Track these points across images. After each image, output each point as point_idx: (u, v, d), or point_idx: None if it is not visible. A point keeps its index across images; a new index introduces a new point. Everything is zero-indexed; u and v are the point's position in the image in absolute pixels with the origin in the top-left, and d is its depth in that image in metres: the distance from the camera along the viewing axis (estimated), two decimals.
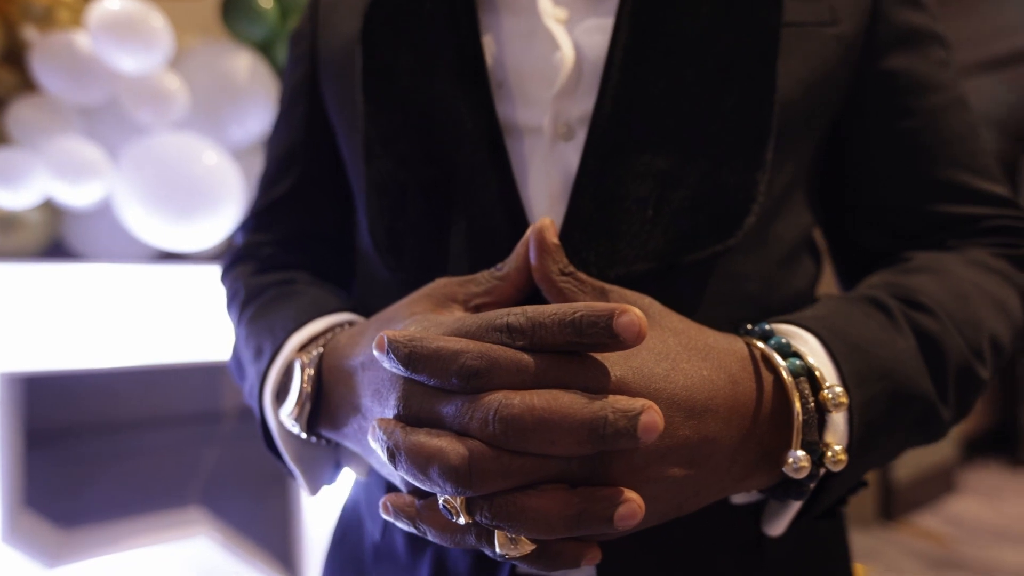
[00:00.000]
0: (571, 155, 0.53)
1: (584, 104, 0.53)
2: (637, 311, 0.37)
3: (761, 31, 0.49)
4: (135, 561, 1.75)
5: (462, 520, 0.39)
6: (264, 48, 1.94)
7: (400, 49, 0.56)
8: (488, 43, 0.55)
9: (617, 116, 0.50)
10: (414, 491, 0.44)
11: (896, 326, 0.50)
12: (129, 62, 1.54)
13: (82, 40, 1.50)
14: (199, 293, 1.92)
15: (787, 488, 0.46)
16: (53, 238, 1.77)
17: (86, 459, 1.88)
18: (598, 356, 0.39)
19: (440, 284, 0.50)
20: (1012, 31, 2.03)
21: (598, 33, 0.52)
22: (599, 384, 0.38)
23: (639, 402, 0.36)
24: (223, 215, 1.86)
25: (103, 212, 1.73)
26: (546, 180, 0.53)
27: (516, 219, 0.52)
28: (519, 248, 0.47)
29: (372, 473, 0.61)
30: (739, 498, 0.52)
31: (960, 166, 0.58)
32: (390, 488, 0.60)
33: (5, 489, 1.50)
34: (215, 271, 0.80)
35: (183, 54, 1.77)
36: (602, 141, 0.50)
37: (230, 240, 2.02)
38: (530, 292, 0.48)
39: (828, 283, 0.64)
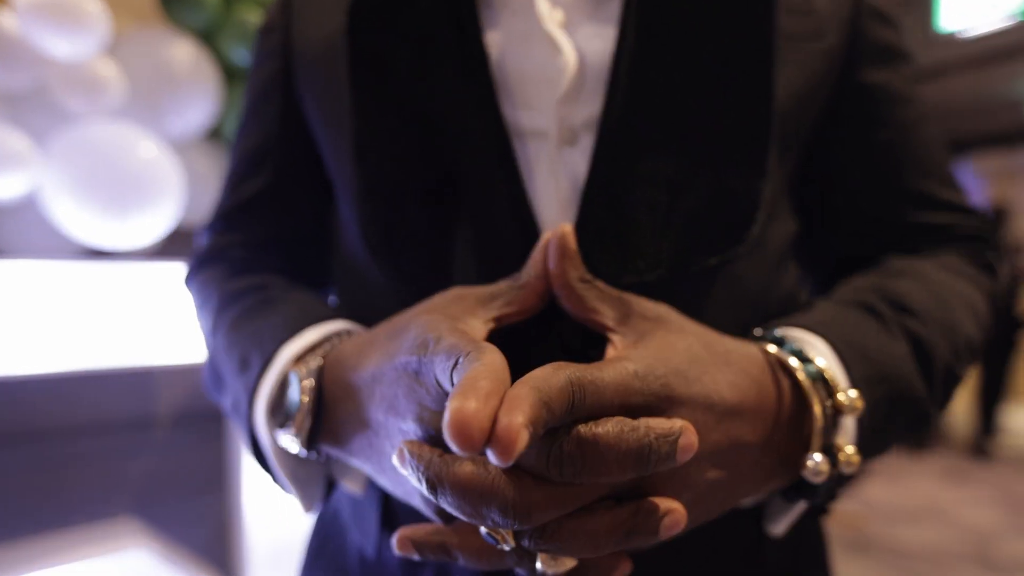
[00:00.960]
0: (578, 160, 0.52)
1: (587, 109, 0.52)
2: (692, 430, 0.38)
3: (759, 42, 0.51)
4: None
5: (508, 547, 0.39)
6: (207, 37, 1.86)
7: (393, 44, 0.53)
8: (489, 42, 0.53)
9: (626, 121, 0.50)
10: (442, 514, 0.43)
11: (890, 331, 0.52)
12: (61, 46, 1.44)
13: (8, 21, 1.40)
14: (131, 293, 1.82)
15: (801, 490, 0.48)
16: None
17: (7, 471, 1.75)
18: (635, 355, 0.42)
19: (456, 295, 0.48)
20: (919, 51, 2.27)
21: (598, 39, 0.53)
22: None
23: (676, 424, 0.38)
24: (160, 211, 1.77)
25: (28, 205, 1.61)
26: (554, 186, 0.53)
27: (527, 226, 0.51)
28: (537, 255, 0.47)
29: (367, 488, 0.59)
30: (746, 500, 0.51)
31: (929, 176, 0.63)
32: (385, 504, 0.58)
33: None
34: (150, 269, 0.77)
35: (120, 40, 1.68)
36: (611, 147, 0.50)
37: (174, 238, 1.91)
38: (550, 300, 0.48)
39: None
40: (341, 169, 0.60)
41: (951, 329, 0.55)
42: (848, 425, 0.46)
